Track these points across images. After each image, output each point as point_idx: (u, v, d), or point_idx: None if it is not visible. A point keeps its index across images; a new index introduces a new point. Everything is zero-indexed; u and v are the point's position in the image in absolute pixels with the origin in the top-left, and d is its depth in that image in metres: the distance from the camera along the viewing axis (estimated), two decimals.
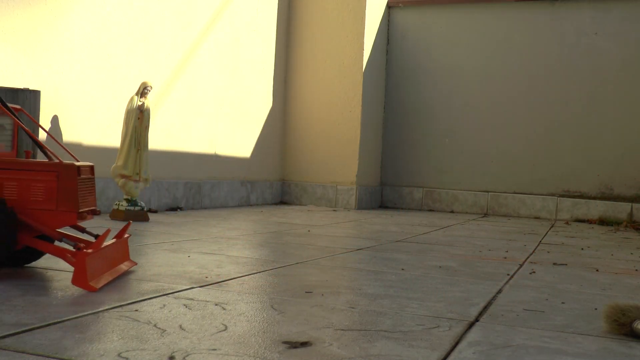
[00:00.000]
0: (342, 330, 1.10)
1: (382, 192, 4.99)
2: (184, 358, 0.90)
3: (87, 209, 1.42)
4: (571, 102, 4.53)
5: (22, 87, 2.25)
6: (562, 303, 1.42)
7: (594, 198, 4.44)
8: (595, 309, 1.38)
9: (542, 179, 4.59)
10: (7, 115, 1.47)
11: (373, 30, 4.68)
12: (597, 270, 2.00)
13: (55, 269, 1.53)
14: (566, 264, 2.10)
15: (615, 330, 1.16)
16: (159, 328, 1.05)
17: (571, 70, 4.52)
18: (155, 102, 3.35)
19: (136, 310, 1.15)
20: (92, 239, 1.52)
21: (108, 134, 3.09)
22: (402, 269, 1.79)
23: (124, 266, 1.52)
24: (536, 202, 4.57)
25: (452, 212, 4.77)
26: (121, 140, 2.85)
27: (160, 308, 1.18)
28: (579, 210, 4.45)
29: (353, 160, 4.56)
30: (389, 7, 4.94)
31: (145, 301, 1.24)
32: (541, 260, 2.18)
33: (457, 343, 1.05)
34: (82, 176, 1.39)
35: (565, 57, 4.54)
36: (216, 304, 1.24)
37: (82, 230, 1.54)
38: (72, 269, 1.54)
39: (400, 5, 4.91)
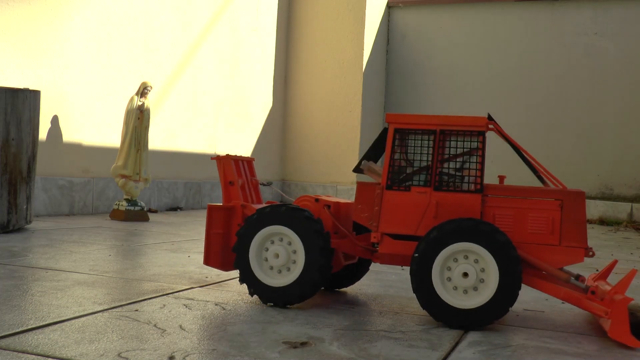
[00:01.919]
0: (342, 330, 1.10)
1: None
2: (184, 358, 0.90)
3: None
4: (571, 102, 4.52)
5: (22, 87, 2.25)
6: (562, 303, 1.42)
7: (594, 198, 4.44)
8: None
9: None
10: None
11: (373, 30, 4.68)
12: (597, 270, 2.00)
13: (56, 269, 1.53)
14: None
15: None
16: (159, 328, 1.05)
17: (571, 70, 4.52)
18: (155, 102, 3.35)
19: (136, 310, 1.15)
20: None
21: (108, 134, 3.09)
22: (402, 269, 1.79)
23: None
24: None
25: None
26: (121, 140, 2.85)
27: (160, 308, 1.18)
28: None
29: (353, 160, 4.56)
30: (389, 7, 4.94)
31: (145, 301, 1.24)
32: None
33: (457, 343, 1.05)
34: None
35: (565, 57, 4.54)
36: (216, 304, 1.24)
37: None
38: (73, 269, 1.54)
39: (400, 5, 4.91)
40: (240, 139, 4.21)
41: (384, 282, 1.57)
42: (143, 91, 2.86)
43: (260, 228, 1.24)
